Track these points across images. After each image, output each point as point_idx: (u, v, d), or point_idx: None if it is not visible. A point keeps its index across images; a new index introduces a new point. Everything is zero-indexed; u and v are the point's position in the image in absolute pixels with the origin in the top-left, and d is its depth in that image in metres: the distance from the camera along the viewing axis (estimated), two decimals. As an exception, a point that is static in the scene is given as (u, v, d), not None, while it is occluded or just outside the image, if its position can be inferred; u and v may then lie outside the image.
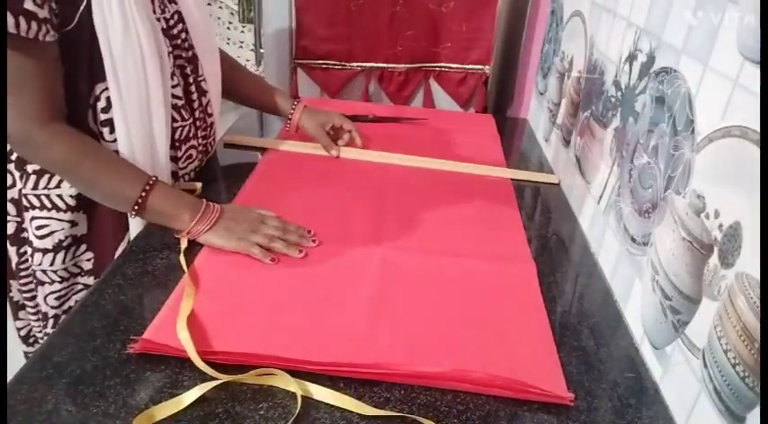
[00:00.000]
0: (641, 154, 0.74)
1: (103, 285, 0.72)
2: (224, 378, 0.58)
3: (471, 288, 0.75)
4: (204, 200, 0.81)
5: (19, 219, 0.83)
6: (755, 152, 0.50)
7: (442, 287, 0.75)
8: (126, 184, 0.76)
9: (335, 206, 0.93)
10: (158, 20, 0.79)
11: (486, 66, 1.47)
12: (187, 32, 0.86)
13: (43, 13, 0.65)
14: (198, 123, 0.92)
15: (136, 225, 0.84)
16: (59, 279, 0.84)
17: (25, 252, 0.85)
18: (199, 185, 0.93)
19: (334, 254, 0.80)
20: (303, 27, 1.40)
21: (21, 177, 0.80)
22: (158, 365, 0.60)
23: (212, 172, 1.03)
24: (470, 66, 1.48)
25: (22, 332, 0.95)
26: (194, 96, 0.90)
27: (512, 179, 1.09)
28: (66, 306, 0.87)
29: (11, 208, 0.83)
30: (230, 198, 0.93)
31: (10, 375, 0.58)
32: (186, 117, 0.88)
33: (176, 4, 0.84)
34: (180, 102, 0.86)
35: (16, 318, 0.94)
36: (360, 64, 1.49)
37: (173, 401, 0.55)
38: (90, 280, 0.87)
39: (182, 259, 0.76)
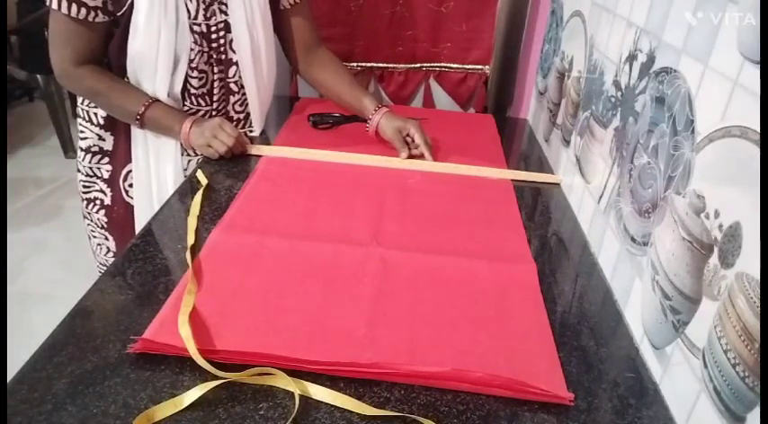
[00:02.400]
0: (641, 154, 0.74)
1: (103, 285, 0.72)
2: (223, 377, 0.58)
3: (471, 288, 0.75)
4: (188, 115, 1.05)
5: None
6: (755, 152, 0.50)
7: (442, 287, 0.75)
8: (131, 102, 1.01)
9: (335, 206, 0.94)
10: (199, 24, 0.99)
11: (486, 66, 1.47)
12: (229, 41, 1.04)
13: (94, 2, 0.91)
14: (217, 114, 1.10)
15: (137, 156, 1.08)
16: (84, 174, 1.13)
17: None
18: (205, 181, 0.97)
19: (334, 254, 0.80)
20: (303, 27, 1.40)
21: (78, 96, 1.09)
22: (158, 365, 0.60)
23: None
24: (470, 66, 1.48)
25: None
26: (221, 92, 1.09)
27: (512, 179, 1.09)
28: (89, 195, 1.14)
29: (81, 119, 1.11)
30: (230, 198, 0.93)
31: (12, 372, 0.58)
32: (203, 104, 1.08)
33: (226, 15, 1.02)
34: (198, 92, 1.05)
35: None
36: (360, 64, 1.49)
37: (173, 401, 0.55)
38: (103, 186, 1.13)
39: (188, 255, 0.76)
